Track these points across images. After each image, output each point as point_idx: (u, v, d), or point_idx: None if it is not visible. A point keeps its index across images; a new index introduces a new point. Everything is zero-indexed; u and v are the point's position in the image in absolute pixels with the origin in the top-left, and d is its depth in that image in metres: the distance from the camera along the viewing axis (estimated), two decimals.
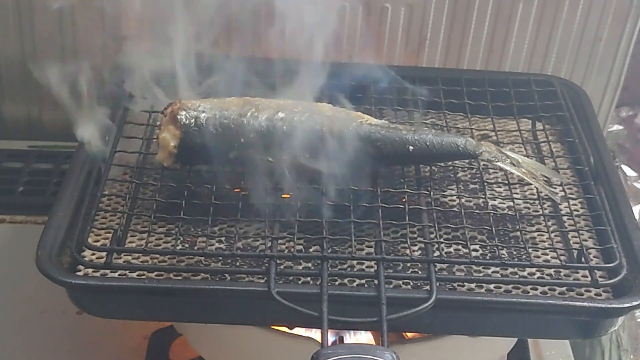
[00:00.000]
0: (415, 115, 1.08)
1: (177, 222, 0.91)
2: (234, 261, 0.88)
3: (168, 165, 0.95)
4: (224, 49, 1.04)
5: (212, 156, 0.93)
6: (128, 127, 1.05)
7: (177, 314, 0.92)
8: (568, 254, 0.91)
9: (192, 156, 0.95)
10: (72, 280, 0.84)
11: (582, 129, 1.06)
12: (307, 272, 0.88)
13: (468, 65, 1.33)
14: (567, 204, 0.97)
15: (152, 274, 0.87)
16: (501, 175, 1.02)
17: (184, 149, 0.94)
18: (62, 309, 1.13)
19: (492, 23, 1.31)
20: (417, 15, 1.30)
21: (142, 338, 1.14)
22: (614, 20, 1.31)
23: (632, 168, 1.48)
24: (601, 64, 1.35)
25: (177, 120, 0.94)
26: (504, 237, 0.94)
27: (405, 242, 0.90)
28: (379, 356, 0.76)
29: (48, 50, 1.31)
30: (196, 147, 0.93)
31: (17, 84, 1.35)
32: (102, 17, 1.28)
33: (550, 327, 0.90)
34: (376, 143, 0.95)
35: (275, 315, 0.88)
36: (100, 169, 0.97)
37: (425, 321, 0.86)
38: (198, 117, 0.94)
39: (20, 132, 1.38)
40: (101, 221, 0.93)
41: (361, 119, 0.97)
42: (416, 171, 0.99)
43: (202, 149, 0.93)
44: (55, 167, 1.33)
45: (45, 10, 1.28)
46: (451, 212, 0.96)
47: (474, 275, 0.89)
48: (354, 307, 0.85)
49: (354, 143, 0.93)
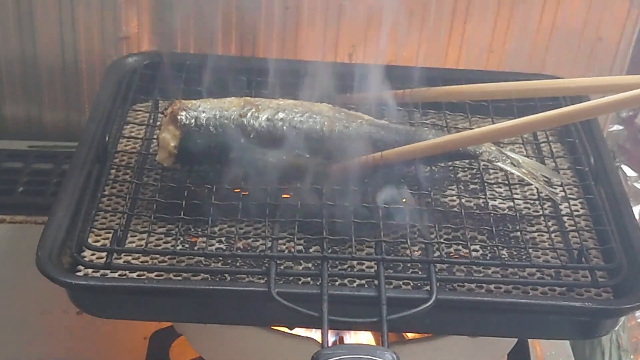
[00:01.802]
0: (415, 116, 1.08)
1: (177, 222, 0.91)
2: (234, 261, 0.88)
3: (168, 165, 0.95)
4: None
5: (212, 156, 0.93)
6: (128, 127, 1.05)
7: (177, 314, 0.92)
8: (568, 254, 0.91)
9: (192, 156, 0.95)
10: (72, 281, 0.84)
11: (582, 129, 1.06)
12: (307, 272, 0.88)
13: (468, 65, 1.33)
14: (567, 204, 0.97)
15: (152, 274, 0.87)
16: (501, 175, 1.02)
17: (184, 149, 0.94)
18: (62, 309, 1.13)
19: (492, 23, 1.31)
20: (417, 15, 1.30)
21: (142, 338, 1.14)
22: (614, 20, 1.31)
23: (632, 168, 1.48)
24: (601, 64, 1.35)
25: (177, 120, 0.94)
26: (504, 238, 0.94)
27: (405, 243, 0.90)
28: (379, 356, 0.76)
29: (48, 50, 1.31)
30: (196, 147, 0.93)
31: (17, 84, 1.35)
32: (102, 17, 1.28)
33: (550, 327, 0.90)
34: (376, 143, 0.95)
35: (275, 316, 0.87)
36: (100, 169, 0.97)
37: (425, 321, 0.87)
38: (198, 117, 0.94)
39: (20, 132, 1.38)
40: (101, 221, 0.93)
41: (361, 119, 0.97)
42: (416, 171, 0.99)
43: (202, 149, 0.93)
44: (55, 167, 1.33)
45: (45, 10, 1.28)
46: (451, 212, 0.96)
47: (474, 276, 0.89)
48: (354, 307, 0.85)
49: (354, 143, 0.93)
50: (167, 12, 1.29)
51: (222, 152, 0.93)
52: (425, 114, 1.09)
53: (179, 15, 1.28)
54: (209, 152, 0.93)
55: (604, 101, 0.90)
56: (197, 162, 0.96)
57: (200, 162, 0.95)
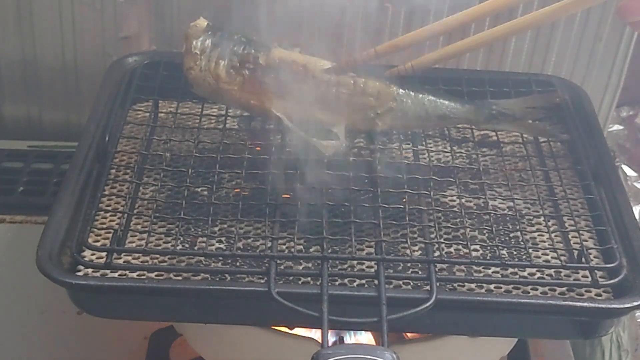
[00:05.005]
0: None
1: (177, 222, 0.91)
2: (234, 261, 0.88)
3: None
4: None
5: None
6: (128, 127, 1.05)
7: (177, 314, 0.92)
8: (568, 254, 0.91)
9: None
10: (72, 281, 0.84)
11: (582, 129, 1.06)
12: (307, 272, 0.88)
13: (468, 65, 1.33)
14: (567, 204, 0.97)
15: (152, 274, 0.87)
16: (501, 175, 1.02)
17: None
18: (62, 309, 1.13)
19: (492, 23, 1.31)
20: (417, 15, 1.30)
21: (142, 338, 1.14)
22: (614, 20, 1.31)
23: (632, 168, 1.48)
24: (601, 64, 1.35)
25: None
26: (504, 237, 0.94)
27: (405, 242, 0.90)
28: (379, 356, 0.76)
29: (48, 50, 1.31)
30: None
31: (17, 84, 1.35)
32: (102, 17, 1.28)
33: (550, 327, 0.90)
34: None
35: (275, 316, 0.88)
36: (100, 169, 0.97)
37: (425, 321, 0.87)
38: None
39: (20, 132, 1.38)
40: (101, 221, 0.93)
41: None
42: (416, 171, 0.99)
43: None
44: (55, 167, 1.33)
45: (45, 10, 1.28)
46: (451, 212, 0.96)
47: (474, 276, 0.89)
48: (354, 307, 0.85)
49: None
50: (167, 12, 1.29)
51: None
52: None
53: (179, 15, 1.28)
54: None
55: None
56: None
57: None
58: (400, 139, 1.04)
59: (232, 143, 1.01)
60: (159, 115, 1.08)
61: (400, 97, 0.99)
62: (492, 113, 1.03)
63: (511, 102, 1.04)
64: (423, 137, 1.06)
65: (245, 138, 1.03)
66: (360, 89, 0.98)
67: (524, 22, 0.97)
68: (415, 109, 0.99)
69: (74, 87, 1.34)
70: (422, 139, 1.06)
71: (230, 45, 0.98)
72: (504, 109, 1.03)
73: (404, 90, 0.99)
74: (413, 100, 0.99)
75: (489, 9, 0.96)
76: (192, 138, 1.01)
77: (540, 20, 0.96)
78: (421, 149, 1.04)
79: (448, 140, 1.07)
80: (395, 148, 1.03)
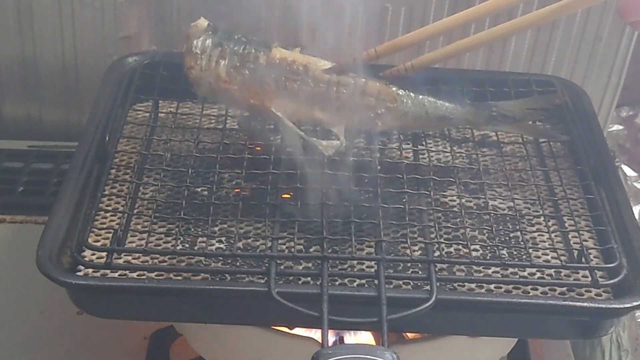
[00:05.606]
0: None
1: (177, 222, 0.91)
2: (234, 261, 0.88)
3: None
4: None
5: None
6: (128, 127, 1.05)
7: (177, 314, 0.92)
8: (568, 254, 0.91)
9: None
10: (73, 281, 0.84)
11: (582, 129, 1.06)
12: (307, 272, 0.88)
13: (468, 65, 1.33)
14: (567, 204, 0.97)
15: (152, 274, 0.87)
16: (501, 175, 1.02)
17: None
18: (62, 309, 1.13)
19: (492, 23, 1.31)
20: (417, 15, 1.30)
21: (142, 338, 1.14)
22: (614, 20, 1.31)
23: (632, 168, 1.48)
24: (601, 64, 1.35)
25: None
26: (504, 237, 0.94)
27: (405, 242, 0.90)
28: (379, 356, 0.76)
29: (48, 50, 1.31)
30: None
31: (17, 84, 1.35)
32: (102, 17, 1.29)
33: (550, 327, 0.90)
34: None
35: (275, 316, 0.87)
36: (100, 168, 0.97)
37: (425, 321, 0.87)
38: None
39: (20, 132, 1.39)
40: (101, 221, 0.93)
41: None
42: (416, 171, 0.99)
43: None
44: (55, 167, 1.33)
45: (45, 10, 1.28)
46: (451, 212, 0.96)
47: (475, 276, 0.89)
48: (354, 307, 0.85)
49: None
50: (167, 12, 1.29)
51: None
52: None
53: (179, 15, 1.28)
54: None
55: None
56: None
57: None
58: (400, 139, 1.04)
59: (232, 143, 1.01)
60: (159, 115, 1.08)
61: (400, 97, 0.99)
62: (492, 115, 1.02)
63: (511, 104, 1.04)
64: (423, 137, 1.06)
65: (245, 138, 1.03)
66: (360, 89, 0.98)
67: (524, 22, 0.97)
68: (415, 109, 0.99)
69: (74, 87, 1.34)
70: (422, 139, 1.06)
71: (230, 45, 0.98)
72: (504, 111, 1.03)
73: (404, 91, 0.99)
74: (413, 101, 0.99)
75: (489, 9, 0.96)
76: (192, 138, 1.01)
77: (540, 20, 0.96)
78: (421, 149, 1.04)
79: (448, 140, 1.07)
80: (395, 148, 1.03)
